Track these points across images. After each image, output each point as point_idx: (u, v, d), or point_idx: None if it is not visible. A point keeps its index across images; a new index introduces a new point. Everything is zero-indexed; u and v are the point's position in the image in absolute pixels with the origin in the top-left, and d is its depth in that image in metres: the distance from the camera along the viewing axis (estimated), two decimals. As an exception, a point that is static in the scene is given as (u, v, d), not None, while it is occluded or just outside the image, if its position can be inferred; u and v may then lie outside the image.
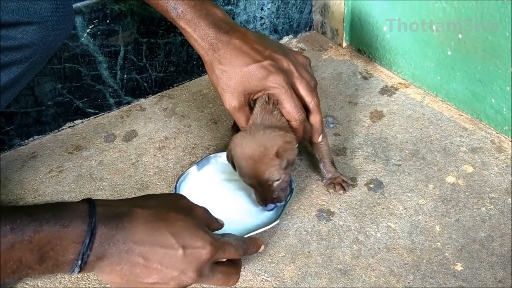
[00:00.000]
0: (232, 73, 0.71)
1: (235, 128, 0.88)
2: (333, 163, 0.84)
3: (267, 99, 0.74)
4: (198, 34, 0.72)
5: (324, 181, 0.85)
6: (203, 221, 0.59)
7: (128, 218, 0.49)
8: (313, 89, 0.77)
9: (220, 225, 0.64)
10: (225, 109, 0.75)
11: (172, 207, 0.55)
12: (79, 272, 0.46)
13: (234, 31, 0.73)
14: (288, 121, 0.74)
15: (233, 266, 0.60)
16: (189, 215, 0.55)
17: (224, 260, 0.59)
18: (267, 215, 0.77)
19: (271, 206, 0.73)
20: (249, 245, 0.63)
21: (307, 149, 0.94)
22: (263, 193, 0.72)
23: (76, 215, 0.46)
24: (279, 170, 0.70)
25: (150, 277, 0.50)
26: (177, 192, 0.81)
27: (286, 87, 0.72)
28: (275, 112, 0.74)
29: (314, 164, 0.90)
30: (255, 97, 0.75)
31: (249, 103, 0.76)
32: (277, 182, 0.72)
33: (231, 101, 0.73)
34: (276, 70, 0.72)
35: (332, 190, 0.84)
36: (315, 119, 0.77)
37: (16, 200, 0.87)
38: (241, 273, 0.72)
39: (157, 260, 0.50)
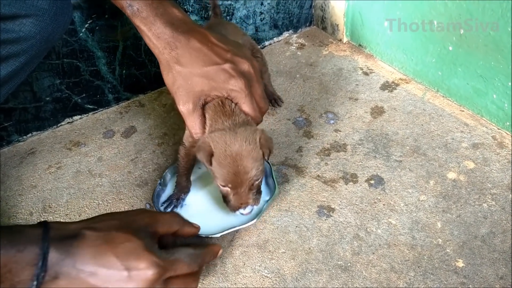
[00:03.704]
0: (190, 73, 0.69)
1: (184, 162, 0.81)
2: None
3: (220, 103, 0.71)
4: (154, 32, 0.69)
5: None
6: (167, 228, 0.60)
7: (77, 241, 0.52)
8: (264, 95, 0.77)
9: (196, 229, 0.64)
10: (179, 111, 0.72)
11: (122, 227, 0.55)
12: None
13: (193, 32, 0.70)
14: None
15: (189, 276, 0.59)
16: (139, 235, 0.55)
17: None
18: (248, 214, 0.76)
19: (250, 208, 0.71)
20: (204, 256, 0.62)
21: (307, 146, 0.93)
22: (243, 196, 0.70)
23: (31, 240, 0.49)
24: (262, 165, 0.70)
25: None
26: (161, 184, 0.82)
27: (247, 92, 0.71)
28: (237, 111, 0.71)
29: (313, 160, 0.90)
30: (209, 100, 0.72)
31: (203, 107, 0.72)
32: (257, 182, 0.70)
33: (186, 101, 0.70)
34: (237, 74, 0.70)
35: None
36: (257, 119, 0.76)
37: (14, 196, 0.87)
38: (241, 269, 0.72)
39: (104, 282, 0.52)
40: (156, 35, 0.69)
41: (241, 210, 0.71)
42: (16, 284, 0.48)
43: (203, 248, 0.63)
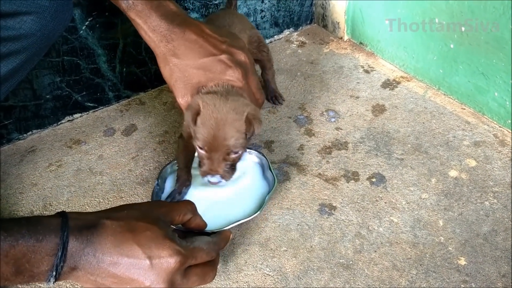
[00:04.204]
0: (187, 65, 0.69)
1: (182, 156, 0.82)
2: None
3: (216, 84, 0.71)
4: (149, 26, 0.69)
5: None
6: (182, 216, 0.60)
7: (97, 230, 0.51)
8: (260, 87, 0.77)
9: (204, 222, 0.64)
10: (177, 104, 0.72)
11: (142, 217, 0.55)
12: (55, 281, 0.48)
13: (188, 24, 0.70)
14: None
15: (208, 264, 0.60)
16: (159, 224, 0.55)
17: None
18: (247, 206, 0.77)
19: (217, 178, 0.70)
20: (220, 243, 0.63)
21: (308, 144, 0.93)
22: (215, 162, 0.69)
23: (50, 229, 0.48)
24: (243, 140, 0.69)
25: (122, 287, 0.51)
26: (158, 184, 0.81)
27: (244, 82, 0.71)
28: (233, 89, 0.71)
29: (314, 158, 0.90)
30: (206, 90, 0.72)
31: None
32: (234, 156, 0.70)
33: (184, 93, 0.71)
34: (234, 64, 0.70)
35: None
36: None
37: (15, 194, 0.86)
38: (243, 267, 0.72)
39: (125, 271, 0.51)
40: (151, 28, 0.69)
41: (209, 177, 0.70)
42: (35, 275, 0.47)
43: (217, 236, 0.64)
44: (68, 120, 1.03)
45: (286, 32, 1.26)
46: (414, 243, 0.74)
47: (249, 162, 0.85)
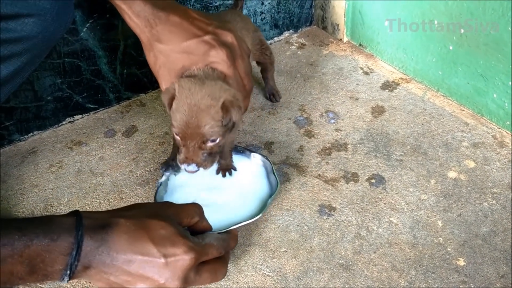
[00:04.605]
0: (171, 50, 0.66)
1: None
2: (231, 153, 0.83)
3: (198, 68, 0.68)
4: (133, 11, 0.66)
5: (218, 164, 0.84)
6: (190, 219, 0.59)
7: (112, 229, 0.51)
8: (250, 72, 0.73)
9: (210, 225, 0.64)
10: (162, 91, 0.69)
11: (155, 215, 0.55)
12: (69, 280, 0.48)
13: (173, 7, 0.68)
14: None
15: (219, 261, 0.60)
16: (171, 222, 0.55)
17: None
18: (250, 209, 0.77)
19: (194, 167, 0.66)
20: (228, 241, 0.63)
21: (308, 145, 0.93)
22: (192, 150, 0.66)
23: (64, 228, 0.48)
24: (219, 128, 0.65)
25: (135, 285, 0.51)
26: (161, 184, 0.81)
27: (229, 63, 0.67)
28: (214, 71, 0.67)
29: (314, 159, 0.90)
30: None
31: None
32: (211, 144, 0.66)
33: (168, 80, 0.68)
34: (219, 44, 0.66)
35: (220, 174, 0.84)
36: (245, 102, 0.72)
37: (16, 196, 0.87)
38: (243, 268, 0.72)
39: (139, 268, 0.51)
40: (136, 13, 0.67)
41: (185, 166, 0.67)
42: (49, 274, 0.47)
43: (225, 233, 0.64)
44: (69, 122, 1.03)
45: (286, 33, 1.27)
46: (413, 244, 0.74)
47: (253, 165, 0.85)
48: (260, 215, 0.75)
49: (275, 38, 1.25)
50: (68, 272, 0.47)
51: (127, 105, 1.07)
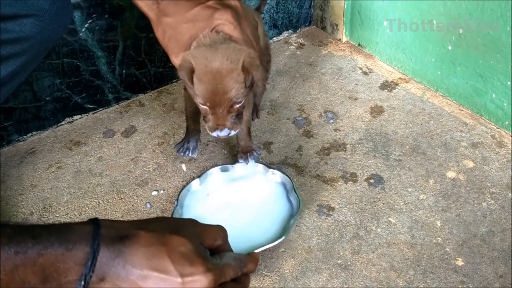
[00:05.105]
0: (177, 21, 0.66)
1: (189, 106, 0.82)
2: (249, 132, 0.83)
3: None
4: None
5: (238, 149, 0.85)
6: (213, 241, 0.57)
7: (130, 240, 0.49)
8: (256, 35, 0.73)
9: (231, 249, 0.61)
10: (173, 64, 0.69)
11: (177, 230, 0.52)
12: None
13: None
14: None
15: (237, 285, 0.57)
16: (193, 240, 0.52)
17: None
18: (274, 230, 0.74)
19: (226, 131, 0.67)
20: (246, 262, 0.60)
21: (307, 145, 0.93)
22: (221, 116, 0.66)
23: (80, 237, 0.46)
24: (244, 89, 0.65)
25: None
26: (178, 205, 0.79)
27: (235, 23, 0.67)
28: (221, 34, 0.66)
29: (313, 159, 0.90)
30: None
31: None
32: (238, 105, 0.66)
33: (178, 51, 0.67)
34: (222, 6, 0.66)
35: (242, 159, 0.84)
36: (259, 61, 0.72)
37: (15, 196, 0.87)
38: (241, 268, 0.72)
39: (154, 285, 0.49)
40: None
41: (218, 132, 0.67)
42: (63, 284, 0.46)
43: (244, 254, 0.61)
44: (68, 122, 1.03)
45: (285, 34, 1.27)
46: (412, 244, 0.74)
47: (272, 183, 0.83)
48: (283, 237, 0.72)
49: (274, 38, 1.25)
50: (83, 282, 0.46)
51: (126, 106, 1.07)
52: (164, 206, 0.83)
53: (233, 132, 0.68)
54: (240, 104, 0.67)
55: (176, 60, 0.68)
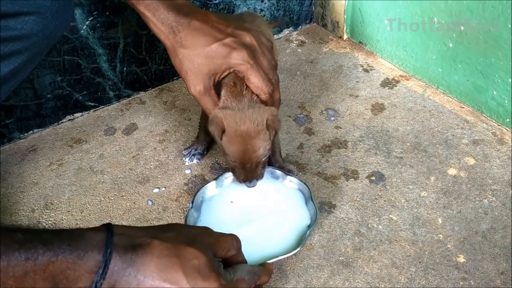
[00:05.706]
0: (195, 55, 0.70)
1: (204, 120, 0.86)
2: (280, 154, 0.87)
3: (232, 84, 0.73)
4: (158, 18, 0.70)
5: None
6: (226, 251, 0.56)
7: (143, 250, 0.48)
8: (274, 67, 0.77)
9: (245, 261, 0.60)
10: (191, 94, 0.73)
11: (192, 242, 0.52)
12: None
13: (194, 13, 0.71)
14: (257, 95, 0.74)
15: None
16: (207, 253, 0.51)
17: None
18: (289, 241, 0.73)
19: (255, 182, 0.75)
20: (260, 275, 0.59)
21: (308, 142, 0.93)
22: (250, 171, 0.73)
23: (93, 246, 0.46)
24: (269, 144, 0.72)
25: None
26: (193, 207, 0.78)
27: (252, 62, 0.71)
28: (245, 92, 0.73)
29: (314, 157, 0.90)
30: (221, 77, 0.73)
31: (215, 87, 0.73)
32: (264, 159, 0.73)
33: (196, 84, 0.71)
34: (239, 46, 0.70)
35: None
36: (275, 95, 0.77)
37: (16, 193, 0.87)
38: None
39: None
40: (160, 20, 0.70)
41: (248, 184, 0.75)
42: None
43: (258, 266, 0.60)
44: (69, 119, 1.03)
45: (286, 31, 1.27)
46: (413, 241, 0.75)
47: (289, 190, 0.81)
48: (299, 248, 0.71)
49: (275, 35, 1.25)
50: None
51: (127, 103, 1.07)
52: (166, 203, 0.84)
53: (260, 180, 0.76)
54: (265, 157, 0.74)
55: (194, 92, 0.72)
